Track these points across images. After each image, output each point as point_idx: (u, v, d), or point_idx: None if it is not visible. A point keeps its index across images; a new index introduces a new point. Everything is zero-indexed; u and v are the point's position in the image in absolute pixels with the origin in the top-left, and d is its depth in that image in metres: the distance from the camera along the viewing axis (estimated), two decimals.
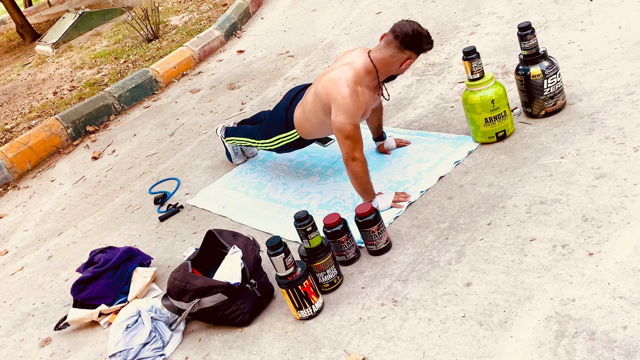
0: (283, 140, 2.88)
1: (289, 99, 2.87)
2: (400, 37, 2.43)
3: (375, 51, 2.52)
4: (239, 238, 2.38)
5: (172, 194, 3.46)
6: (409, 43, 2.44)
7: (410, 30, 2.42)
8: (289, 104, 2.84)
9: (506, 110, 2.65)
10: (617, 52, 2.97)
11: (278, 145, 2.92)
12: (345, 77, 2.46)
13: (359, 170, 2.46)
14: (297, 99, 2.83)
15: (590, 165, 2.30)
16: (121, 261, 2.69)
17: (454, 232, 2.25)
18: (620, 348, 1.58)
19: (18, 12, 9.83)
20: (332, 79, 2.50)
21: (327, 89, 2.50)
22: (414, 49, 2.47)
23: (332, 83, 2.49)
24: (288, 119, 2.81)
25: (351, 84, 2.44)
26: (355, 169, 2.45)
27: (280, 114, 2.86)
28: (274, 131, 2.90)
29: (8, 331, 2.78)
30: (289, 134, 2.83)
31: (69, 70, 6.94)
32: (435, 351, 1.79)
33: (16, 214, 4.04)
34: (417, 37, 2.43)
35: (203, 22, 6.73)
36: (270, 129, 2.93)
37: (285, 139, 2.86)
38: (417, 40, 2.44)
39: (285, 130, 2.84)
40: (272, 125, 2.91)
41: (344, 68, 2.50)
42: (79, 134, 4.98)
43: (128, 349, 2.21)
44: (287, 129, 2.82)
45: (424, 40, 2.45)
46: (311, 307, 2.10)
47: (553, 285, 1.85)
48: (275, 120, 2.88)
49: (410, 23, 2.44)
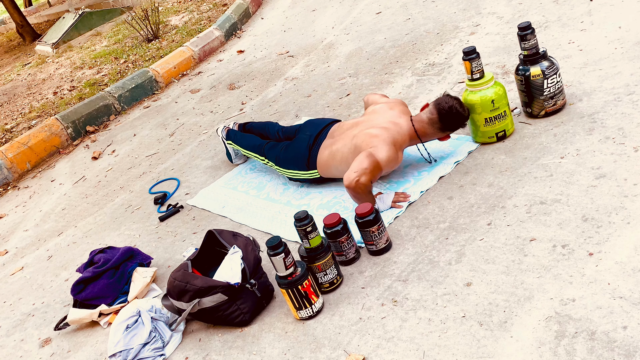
0: (300, 176, 2.88)
1: (311, 137, 2.84)
2: (444, 122, 2.59)
3: (418, 122, 2.64)
4: (239, 238, 2.38)
5: (172, 194, 3.46)
6: (450, 126, 2.61)
7: (453, 117, 2.58)
8: (312, 143, 2.82)
9: (506, 110, 2.65)
10: (617, 52, 2.97)
11: (293, 177, 2.92)
12: (393, 139, 2.56)
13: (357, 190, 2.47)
14: (321, 137, 2.82)
15: (590, 165, 2.30)
16: (121, 261, 2.69)
17: (454, 232, 2.25)
18: (620, 348, 1.58)
19: (18, 12, 9.83)
20: (378, 137, 2.55)
21: (368, 145, 2.54)
22: (454, 129, 2.63)
23: (378, 142, 2.53)
24: (311, 159, 2.80)
25: (396, 148, 2.55)
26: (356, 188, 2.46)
27: (301, 152, 2.83)
28: (291, 165, 2.88)
29: (8, 331, 2.78)
30: (309, 172, 2.83)
31: (69, 70, 6.94)
32: (435, 351, 1.79)
33: (16, 214, 4.04)
34: (458, 121, 2.60)
35: (203, 22, 6.73)
36: (288, 161, 2.90)
37: (303, 175, 2.87)
38: (458, 123, 2.61)
39: (305, 169, 2.83)
40: (291, 158, 2.88)
41: (392, 128, 2.59)
42: (79, 134, 4.98)
43: (128, 349, 2.21)
44: (308, 168, 2.82)
45: (464, 122, 2.62)
46: (311, 307, 2.10)
47: (553, 285, 1.85)
48: (295, 156, 2.86)
49: (452, 105, 2.57)
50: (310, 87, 4.19)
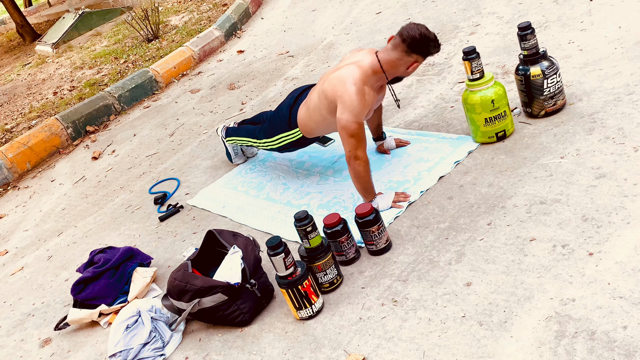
0: (285, 140, 2.88)
1: (292, 99, 2.87)
2: (408, 41, 2.44)
3: (383, 52, 2.53)
4: (239, 238, 2.38)
5: (172, 194, 3.46)
6: (416, 47, 2.45)
7: (417, 34, 2.43)
8: (293, 103, 2.84)
9: (506, 110, 2.65)
10: (617, 52, 2.97)
11: (280, 144, 2.92)
12: (353, 76, 2.47)
13: (361, 169, 2.46)
14: (301, 98, 2.83)
15: (590, 165, 2.30)
16: (121, 261, 2.69)
17: (454, 232, 2.25)
18: (620, 348, 1.58)
19: (18, 12, 9.83)
20: (339, 77, 2.51)
21: (333, 87, 2.51)
22: (421, 52, 2.48)
23: (339, 81, 2.50)
24: (291, 118, 2.81)
25: (358, 82, 2.45)
26: (358, 167, 2.46)
27: (283, 113, 2.87)
28: (276, 130, 2.91)
29: (8, 331, 2.78)
30: (291, 132, 2.84)
31: (69, 70, 6.94)
32: (435, 351, 1.79)
33: (16, 214, 4.04)
34: (424, 41, 2.44)
35: (203, 22, 6.73)
36: (272, 128, 2.93)
37: (287, 138, 2.87)
38: (425, 45, 2.45)
39: (288, 129, 2.84)
40: (274, 124, 2.92)
41: (352, 67, 2.51)
42: (79, 134, 4.98)
43: (128, 349, 2.21)
44: (290, 127, 2.83)
45: (431, 44, 2.46)
46: (311, 307, 2.10)
47: (553, 285, 1.85)
48: (278, 119, 2.89)
49: (417, 26, 2.45)
50: None
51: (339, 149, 3.21)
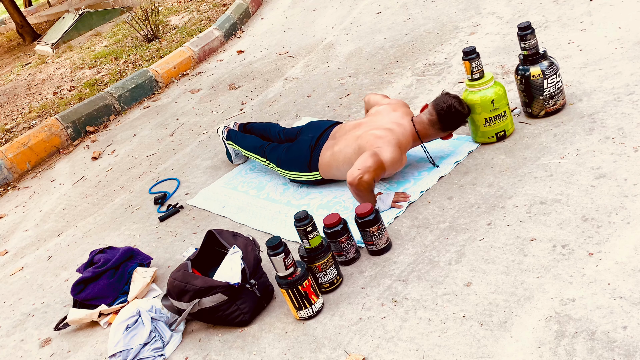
0: (301, 178, 2.88)
1: (313, 139, 2.84)
2: (444, 122, 2.59)
3: (419, 123, 2.65)
4: (239, 238, 2.38)
5: (172, 194, 3.46)
6: (450, 125, 2.62)
7: (452, 116, 2.58)
8: (314, 144, 2.81)
9: (506, 110, 2.65)
10: (617, 52, 2.97)
11: (294, 179, 2.92)
12: (398, 141, 2.56)
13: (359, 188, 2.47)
14: (323, 138, 2.81)
15: (590, 165, 2.30)
16: (121, 261, 2.69)
17: (454, 232, 2.25)
18: (620, 348, 1.58)
19: (18, 12, 9.83)
20: (381, 137, 2.55)
21: (373, 144, 2.54)
22: (454, 128, 2.65)
23: (379, 139, 2.54)
24: (312, 161, 2.79)
25: (400, 150, 2.55)
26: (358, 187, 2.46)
27: (303, 153, 2.83)
28: (293, 166, 2.88)
29: (8, 331, 2.78)
30: (310, 174, 2.83)
31: (69, 70, 6.94)
32: (435, 351, 1.79)
33: (16, 214, 4.04)
34: (457, 120, 2.60)
35: (203, 22, 6.73)
36: (289, 163, 2.89)
37: (304, 177, 2.86)
38: (458, 122, 2.62)
39: (307, 170, 2.82)
40: (292, 159, 2.88)
41: (396, 129, 2.59)
42: (79, 134, 4.98)
43: (128, 349, 2.21)
44: (310, 169, 2.81)
45: (463, 119, 2.62)
46: (311, 307, 2.10)
47: (553, 285, 1.85)
48: (297, 157, 2.85)
49: (451, 105, 2.57)
50: (310, 87, 4.19)
51: None
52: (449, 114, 2.58)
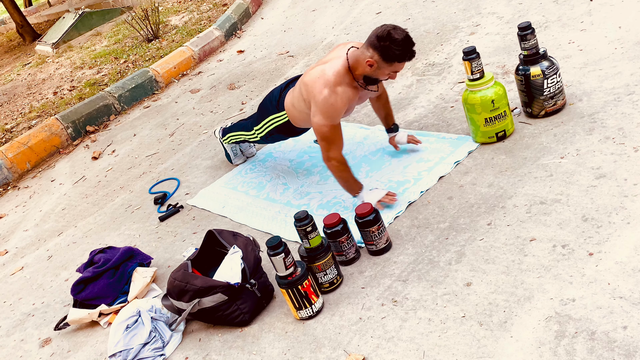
0: (273, 122, 2.87)
1: (285, 83, 2.88)
2: (371, 37, 2.37)
3: (354, 49, 2.50)
4: (239, 238, 2.38)
5: (172, 194, 3.46)
6: (376, 44, 2.34)
7: (382, 31, 2.32)
8: (284, 87, 2.85)
9: (506, 110, 2.65)
10: (617, 52, 2.97)
11: (268, 128, 2.91)
12: (325, 78, 2.46)
13: (336, 170, 2.52)
14: (293, 84, 2.83)
15: (590, 165, 2.30)
16: (121, 261, 2.69)
17: (454, 232, 2.25)
18: (620, 348, 1.58)
19: (18, 12, 9.83)
20: (315, 76, 2.51)
21: (308, 86, 2.53)
22: (380, 52, 2.34)
23: (313, 81, 2.50)
24: (280, 100, 2.82)
25: (331, 85, 2.45)
26: (332, 168, 2.53)
27: (274, 95, 2.88)
28: (265, 113, 2.90)
29: (8, 331, 2.78)
30: (279, 115, 2.83)
31: (69, 70, 6.94)
32: (435, 351, 1.79)
33: (16, 214, 4.04)
34: (385, 39, 2.30)
35: (203, 22, 6.73)
36: (262, 112, 2.93)
37: (275, 120, 2.86)
38: (384, 43, 2.30)
39: (276, 111, 2.84)
40: (265, 107, 2.92)
41: (326, 67, 2.50)
42: (79, 134, 4.98)
43: (128, 349, 2.21)
44: (278, 110, 2.83)
45: (394, 47, 2.29)
46: (311, 307, 2.10)
47: (553, 285, 1.85)
48: (269, 101, 2.89)
49: (392, 27, 2.33)
50: None
51: None
52: (379, 29, 2.32)
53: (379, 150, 3.04)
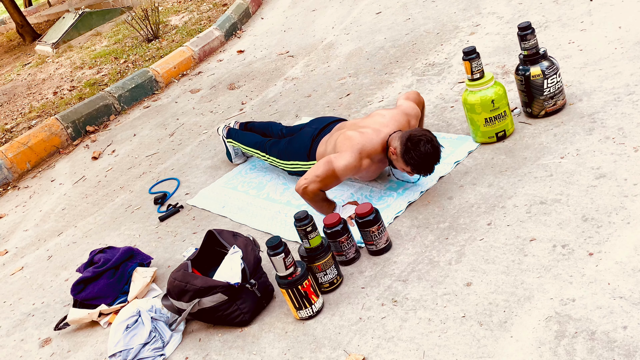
0: (300, 168, 2.86)
1: (317, 129, 2.84)
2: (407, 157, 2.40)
3: (392, 139, 2.50)
4: (239, 238, 2.38)
5: (172, 194, 3.46)
6: (403, 140, 2.42)
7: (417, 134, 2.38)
8: (317, 134, 2.81)
9: (506, 110, 2.65)
10: (617, 52, 2.97)
11: (292, 169, 2.91)
12: (362, 146, 2.49)
13: (307, 200, 2.53)
14: (325, 131, 2.80)
15: (590, 165, 2.30)
16: (121, 261, 2.69)
17: (454, 232, 2.25)
18: (620, 348, 1.58)
19: (18, 12, 9.83)
20: (354, 136, 2.52)
21: (342, 144, 2.52)
22: (402, 150, 2.42)
23: (348, 141, 2.51)
24: (312, 149, 2.78)
25: (363, 154, 2.49)
26: (302, 194, 2.51)
27: (305, 142, 2.83)
28: (293, 155, 2.87)
29: (8, 331, 2.78)
30: (308, 163, 2.81)
31: (69, 70, 6.94)
32: (435, 351, 1.79)
33: (16, 214, 4.04)
34: (412, 143, 2.37)
35: (203, 22, 6.73)
36: (290, 152, 2.89)
37: (303, 167, 2.84)
38: (409, 145, 2.38)
39: (305, 159, 2.82)
40: (293, 149, 2.88)
41: (369, 134, 2.51)
42: (79, 134, 4.98)
43: (128, 349, 2.21)
44: (309, 158, 2.80)
45: (414, 154, 2.37)
46: (311, 307, 2.10)
47: (553, 285, 1.85)
48: (298, 146, 2.85)
49: (427, 137, 2.37)
50: (310, 87, 4.19)
51: None
52: (417, 153, 2.37)
53: None
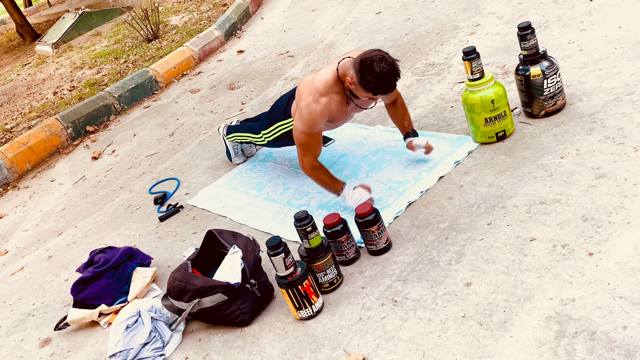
0: (281, 129, 2.90)
1: (293, 90, 2.89)
2: (358, 57, 2.35)
3: (348, 59, 2.48)
4: (239, 238, 2.38)
5: (172, 194, 3.46)
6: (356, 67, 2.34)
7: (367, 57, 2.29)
8: (292, 95, 2.86)
9: (506, 110, 2.65)
10: (617, 52, 2.97)
11: (276, 134, 2.94)
12: (313, 86, 2.50)
13: (310, 175, 2.60)
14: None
15: (590, 165, 2.30)
16: (121, 261, 2.69)
17: (454, 232, 2.25)
18: (620, 348, 1.58)
19: (18, 12, 9.83)
20: (305, 83, 2.56)
21: (298, 92, 2.58)
22: (358, 77, 2.32)
23: (302, 88, 2.55)
24: (288, 107, 2.84)
25: (315, 93, 2.48)
26: (306, 173, 2.60)
27: (282, 101, 2.91)
28: (274, 119, 2.93)
29: (8, 331, 2.78)
30: (286, 122, 2.86)
31: (69, 70, 6.94)
32: (435, 351, 1.79)
33: (16, 214, 4.04)
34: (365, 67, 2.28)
35: (203, 22, 6.73)
36: (271, 118, 2.96)
37: (282, 127, 2.88)
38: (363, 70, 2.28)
39: (283, 118, 2.87)
40: (273, 114, 2.95)
41: (317, 75, 2.54)
42: (79, 134, 4.98)
43: (128, 349, 2.21)
44: (285, 117, 2.85)
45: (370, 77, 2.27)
46: (311, 307, 2.10)
47: (553, 285, 1.85)
48: (277, 109, 2.92)
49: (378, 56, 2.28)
50: None
51: (338, 148, 3.21)
52: (366, 56, 2.28)
53: (379, 150, 3.05)
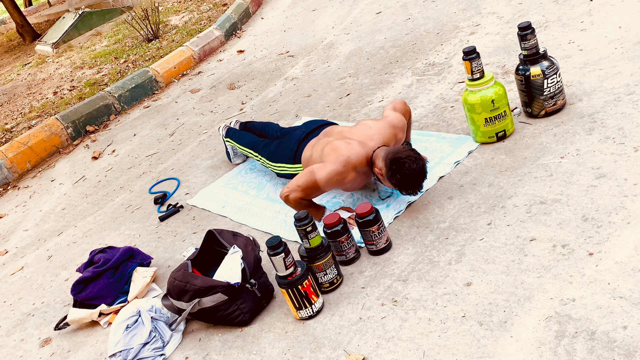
0: (287, 171, 2.86)
1: (304, 133, 2.82)
2: (390, 152, 2.37)
3: (377, 155, 2.45)
4: (239, 238, 2.38)
5: (172, 194, 3.46)
6: (387, 162, 2.37)
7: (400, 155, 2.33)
8: (304, 138, 2.80)
9: (506, 110, 2.65)
10: (617, 52, 2.97)
11: (281, 172, 2.91)
12: (348, 157, 2.44)
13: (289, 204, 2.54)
14: (312, 135, 2.79)
15: (590, 165, 2.30)
16: (121, 261, 2.69)
17: (454, 232, 2.25)
18: (620, 348, 1.58)
19: (18, 12, 9.83)
20: (341, 147, 2.48)
21: (332, 151, 2.48)
22: (387, 171, 2.38)
23: (337, 150, 2.47)
24: (297, 153, 2.77)
25: (348, 165, 2.44)
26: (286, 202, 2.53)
27: (292, 145, 2.82)
28: (280, 158, 2.87)
29: (8, 331, 2.78)
30: (294, 167, 2.80)
31: (69, 70, 6.94)
32: (435, 351, 1.79)
33: (16, 214, 4.04)
34: (396, 165, 2.33)
35: (203, 22, 6.73)
36: (277, 154, 2.89)
37: (289, 170, 2.84)
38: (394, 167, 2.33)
39: (291, 162, 2.81)
40: (280, 151, 2.88)
41: (354, 147, 2.46)
42: (79, 133, 4.99)
43: (128, 349, 2.21)
44: (294, 162, 2.79)
45: (399, 176, 2.32)
46: (311, 307, 2.10)
47: (553, 285, 1.85)
48: (286, 148, 2.85)
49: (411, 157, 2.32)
50: (310, 87, 4.19)
51: None
52: (397, 171, 2.32)
53: None
